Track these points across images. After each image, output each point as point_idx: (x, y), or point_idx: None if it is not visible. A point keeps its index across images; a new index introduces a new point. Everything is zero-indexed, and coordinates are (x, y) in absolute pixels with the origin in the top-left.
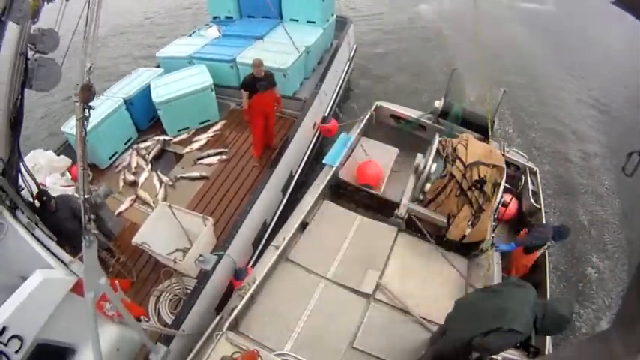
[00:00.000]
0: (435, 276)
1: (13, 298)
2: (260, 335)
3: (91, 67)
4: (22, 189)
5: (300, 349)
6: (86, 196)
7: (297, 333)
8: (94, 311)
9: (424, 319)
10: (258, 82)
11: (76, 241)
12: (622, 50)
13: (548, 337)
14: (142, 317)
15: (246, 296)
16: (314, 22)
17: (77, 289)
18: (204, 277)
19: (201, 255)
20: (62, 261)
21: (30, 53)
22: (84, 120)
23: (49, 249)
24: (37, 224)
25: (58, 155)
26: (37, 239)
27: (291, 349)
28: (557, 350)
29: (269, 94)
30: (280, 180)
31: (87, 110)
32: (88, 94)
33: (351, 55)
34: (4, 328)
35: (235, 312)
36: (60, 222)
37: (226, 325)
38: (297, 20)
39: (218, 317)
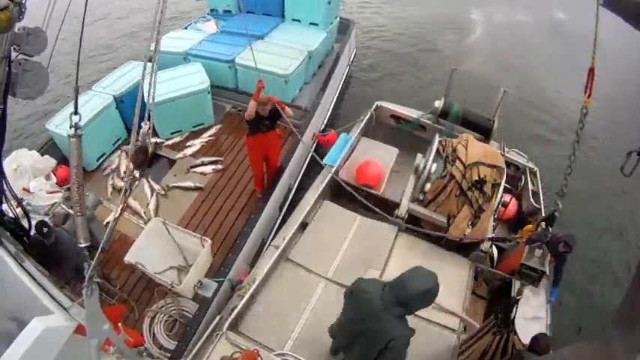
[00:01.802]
0: None
1: (12, 349)
2: (260, 335)
3: (149, 128)
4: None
5: (300, 349)
6: (88, 244)
7: (297, 333)
8: (97, 358)
9: (424, 318)
10: (262, 122)
11: (70, 276)
12: (622, 49)
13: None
14: (141, 346)
15: (246, 296)
16: (317, 25)
17: (78, 330)
18: (204, 303)
19: (200, 281)
20: (60, 304)
21: (13, 54)
22: (132, 183)
23: (45, 289)
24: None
25: (42, 155)
26: (28, 273)
27: (291, 349)
28: (557, 350)
29: (272, 135)
30: (279, 197)
31: (137, 173)
32: (142, 157)
33: (351, 59)
34: None
35: (235, 312)
36: (59, 257)
37: (226, 325)
38: (299, 21)
39: (218, 317)
